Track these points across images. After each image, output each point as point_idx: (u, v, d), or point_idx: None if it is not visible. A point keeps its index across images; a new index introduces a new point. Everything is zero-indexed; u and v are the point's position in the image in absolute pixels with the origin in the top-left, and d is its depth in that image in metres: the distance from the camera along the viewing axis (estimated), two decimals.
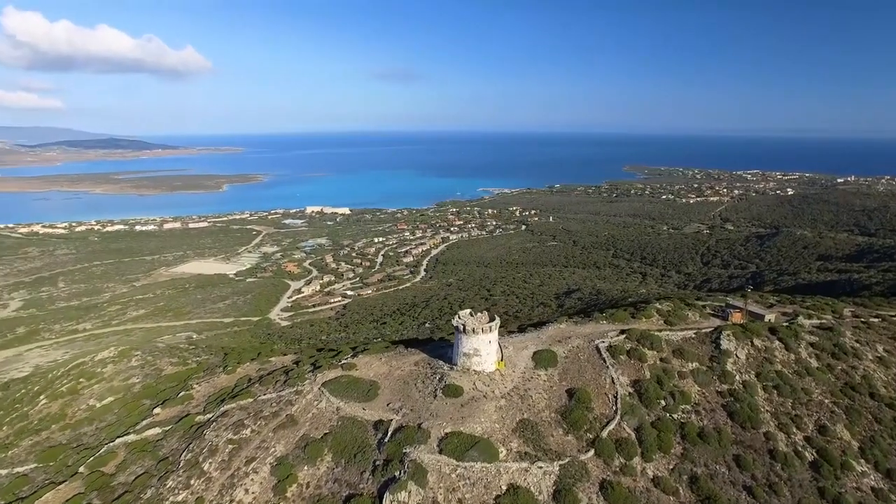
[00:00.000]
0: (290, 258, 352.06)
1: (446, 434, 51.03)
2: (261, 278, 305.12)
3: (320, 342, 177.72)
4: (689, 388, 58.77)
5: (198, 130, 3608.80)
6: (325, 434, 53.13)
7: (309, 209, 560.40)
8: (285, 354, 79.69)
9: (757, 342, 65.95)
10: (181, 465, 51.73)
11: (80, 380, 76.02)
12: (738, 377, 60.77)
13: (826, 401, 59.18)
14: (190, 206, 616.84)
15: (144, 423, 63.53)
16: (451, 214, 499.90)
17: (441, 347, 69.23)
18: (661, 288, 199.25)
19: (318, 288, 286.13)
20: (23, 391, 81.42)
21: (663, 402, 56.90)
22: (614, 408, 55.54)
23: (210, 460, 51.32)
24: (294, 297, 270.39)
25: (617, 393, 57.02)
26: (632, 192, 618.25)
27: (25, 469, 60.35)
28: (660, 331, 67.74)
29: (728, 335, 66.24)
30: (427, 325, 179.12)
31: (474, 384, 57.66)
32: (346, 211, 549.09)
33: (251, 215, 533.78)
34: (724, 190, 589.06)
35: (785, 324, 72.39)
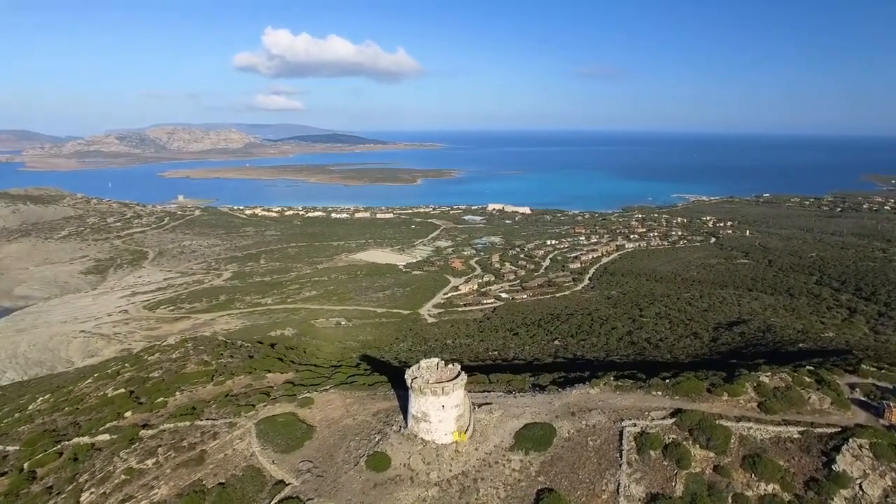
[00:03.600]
0: (459, 254, 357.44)
1: None
2: (426, 272, 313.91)
3: (444, 345, 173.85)
4: None
5: (406, 127, 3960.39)
6: (219, 484, 46.28)
7: (490, 206, 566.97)
8: (287, 372, 75.12)
9: None
10: (67, 489, 49.11)
11: (126, 364, 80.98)
12: None
13: None
14: (385, 197, 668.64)
15: (108, 426, 62.35)
16: (635, 221, 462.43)
17: None
18: (872, 331, 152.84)
19: (475, 287, 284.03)
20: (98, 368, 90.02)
21: None
22: None
23: (93, 490, 47.80)
24: (449, 295, 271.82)
25: None
26: (864, 206, 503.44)
27: (10, 450, 62.62)
28: (740, 419, 45.64)
29: (859, 447, 40.65)
30: (557, 342, 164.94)
31: (409, 459, 44.96)
32: (527, 210, 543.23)
33: (434, 209, 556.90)
34: None
35: None
